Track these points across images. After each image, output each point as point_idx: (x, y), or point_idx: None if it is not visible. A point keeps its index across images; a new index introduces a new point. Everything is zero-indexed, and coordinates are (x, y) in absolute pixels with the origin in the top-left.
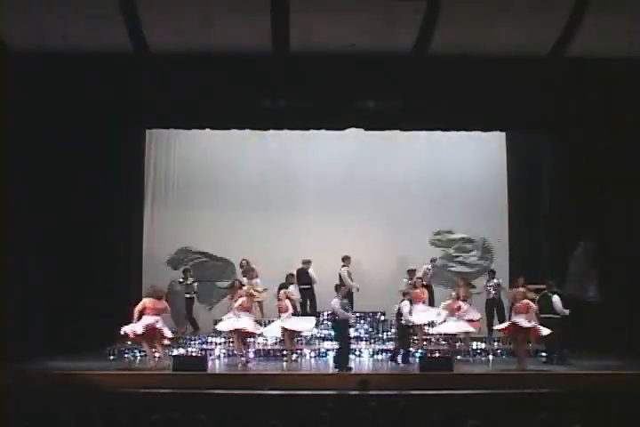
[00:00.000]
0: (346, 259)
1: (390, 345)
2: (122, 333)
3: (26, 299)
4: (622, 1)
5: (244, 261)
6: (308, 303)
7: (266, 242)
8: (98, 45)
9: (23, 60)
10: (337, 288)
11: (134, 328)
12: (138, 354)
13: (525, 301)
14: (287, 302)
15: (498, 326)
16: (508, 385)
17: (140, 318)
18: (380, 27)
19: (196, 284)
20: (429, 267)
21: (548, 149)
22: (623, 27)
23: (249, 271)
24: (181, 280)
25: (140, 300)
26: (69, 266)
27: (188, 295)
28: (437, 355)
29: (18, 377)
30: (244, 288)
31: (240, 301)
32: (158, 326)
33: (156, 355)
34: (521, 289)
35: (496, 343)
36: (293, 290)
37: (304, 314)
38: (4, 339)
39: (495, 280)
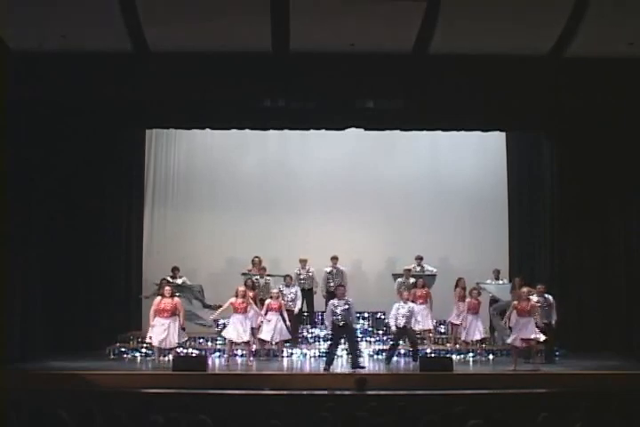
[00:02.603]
0: (333, 259)
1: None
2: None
3: (26, 299)
4: (622, 1)
5: (256, 259)
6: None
7: (266, 242)
8: (98, 45)
9: (23, 60)
10: (336, 288)
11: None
12: (138, 354)
13: (531, 302)
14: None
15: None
16: (508, 385)
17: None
18: (380, 27)
19: (184, 283)
20: (414, 266)
21: (548, 148)
22: (623, 26)
23: (259, 270)
24: (170, 280)
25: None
26: (69, 266)
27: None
28: (437, 355)
29: (18, 377)
30: (240, 289)
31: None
32: None
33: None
34: (525, 289)
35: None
36: (287, 291)
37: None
38: (3, 339)
39: (500, 280)
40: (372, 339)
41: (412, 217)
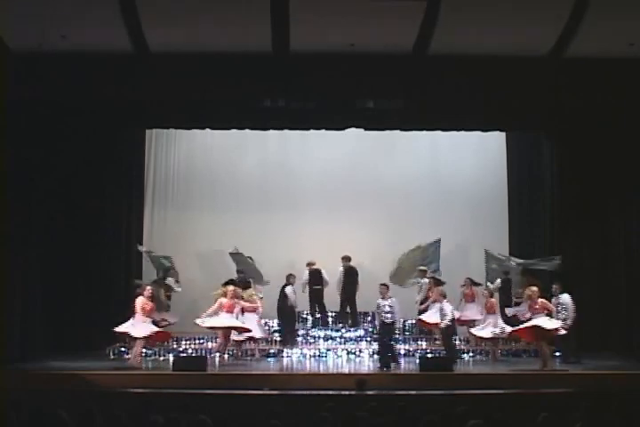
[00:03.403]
0: (346, 258)
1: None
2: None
3: (26, 299)
4: (622, 1)
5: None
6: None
7: (266, 242)
8: (98, 45)
9: (23, 60)
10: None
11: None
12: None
13: (541, 300)
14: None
15: (514, 329)
16: (508, 385)
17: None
18: (380, 27)
19: (175, 284)
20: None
21: (548, 148)
22: (623, 27)
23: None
24: (159, 280)
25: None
26: (69, 266)
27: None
28: (437, 355)
29: (18, 377)
30: (229, 288)
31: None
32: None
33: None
34: (534, 288)
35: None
36: (290, 291)
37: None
38: (3, 339)
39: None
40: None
41: (412, 217)
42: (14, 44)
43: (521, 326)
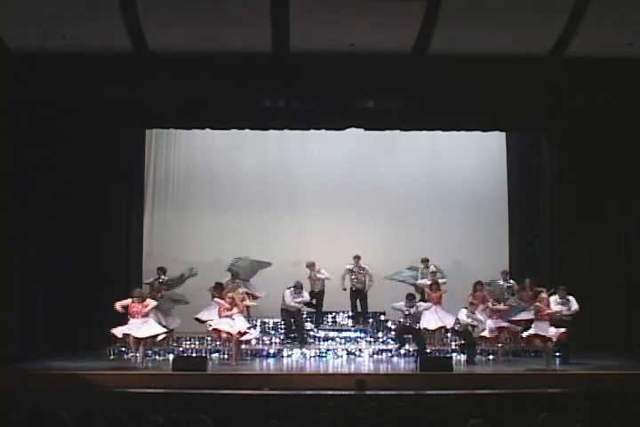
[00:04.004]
0: (355, 257)
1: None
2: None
3: (26, 299)
4: (622, 1)
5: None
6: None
7: (266, 242)
8: (98, 45)
9: (23, 60)
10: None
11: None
12: (138, 354)
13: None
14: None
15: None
16: (508, 385)
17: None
18: (380, 27)
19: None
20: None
21: (548, 148)
22: (623, 27)
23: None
24: (151, 281)
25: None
26: (69, 266)
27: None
28: (437, 355)
29: (18, 377)
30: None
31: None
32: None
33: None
34: (544, 294)
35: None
36: (288, 294)
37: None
38: (3, 339)
39: (511, 281)
40: (371, 339)
41: (412, 217)
42: (14, 44)
43: (562, 331)
